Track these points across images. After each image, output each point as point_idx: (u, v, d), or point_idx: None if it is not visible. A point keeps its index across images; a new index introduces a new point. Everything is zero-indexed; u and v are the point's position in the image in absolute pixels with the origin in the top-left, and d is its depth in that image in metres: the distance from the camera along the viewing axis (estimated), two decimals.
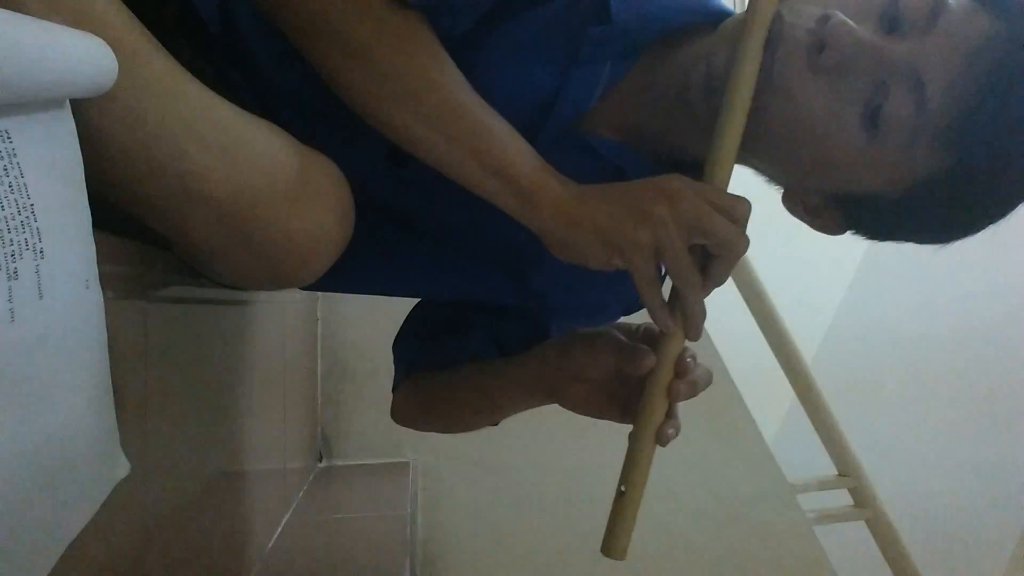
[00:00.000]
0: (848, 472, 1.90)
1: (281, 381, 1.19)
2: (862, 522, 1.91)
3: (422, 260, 0.76)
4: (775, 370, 1.87)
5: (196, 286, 0.66)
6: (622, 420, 0.63)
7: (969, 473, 2.59)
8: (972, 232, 0.60)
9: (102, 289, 0.37)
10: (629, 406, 0.63)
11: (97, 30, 0.35)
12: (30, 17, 0.31)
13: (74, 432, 0.36)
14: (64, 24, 0.34)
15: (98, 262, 0.37)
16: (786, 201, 0.65)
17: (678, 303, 0.56)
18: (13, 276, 0.30)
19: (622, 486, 0.58)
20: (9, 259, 0.29)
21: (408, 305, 0.90)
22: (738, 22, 0.57)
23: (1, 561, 0.31)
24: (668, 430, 0.58)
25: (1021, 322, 2.52)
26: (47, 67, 0.30)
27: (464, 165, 0.57)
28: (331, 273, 0.56)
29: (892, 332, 3.08)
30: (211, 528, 0.77)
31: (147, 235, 0.50)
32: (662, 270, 0.57)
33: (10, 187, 0.30)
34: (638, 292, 0.55)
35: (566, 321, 0.79)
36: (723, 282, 0.57)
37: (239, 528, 0.90)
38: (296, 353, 1.38)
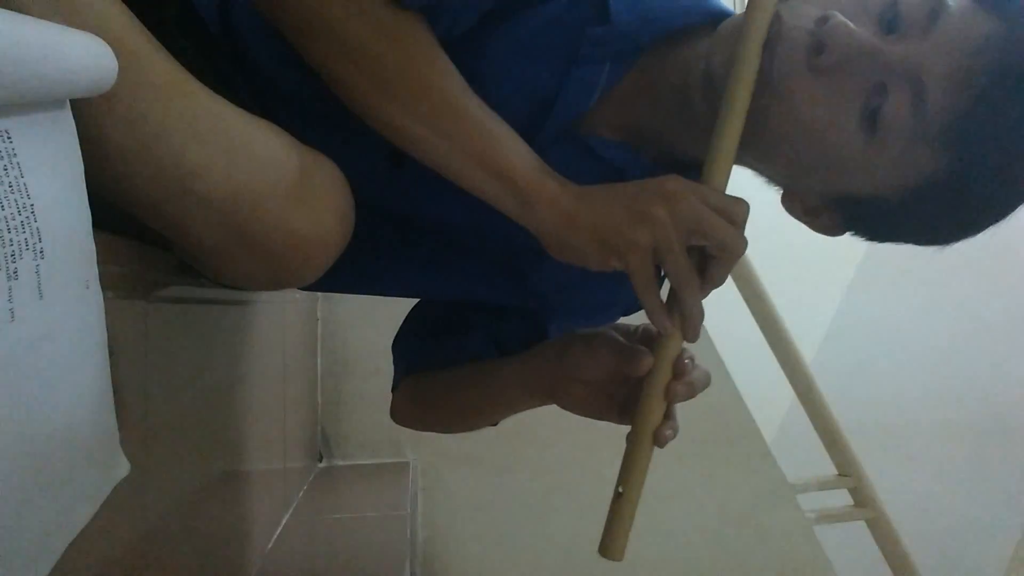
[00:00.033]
0: (848, 472, 1.90)
1: (281, 381, 1.19)
2: (862, 522, 1.91)
3: (422, 260, 0.76)
4: (775, 370, 1.87)
5: (196, 286, 0.66)
6: (620, 421, 0.63)
7: (969, 473, 2.59)
8: (972, 233, 0.60)
9: (102, 289, 0.37)
10: (627, 407, 0.63)
11: (97, 30, 0.35)
12: (30, 17, 0.31)
13: (74, 432, 0.36)
14: (64, 24, 0.34)
15: (98, 262, 0.37)
16: (785, 202, 0.65)
17: (676, 304, 0.56)
18: (13, 276, 0.30)
19: (620, 487, 0.58)
20: (9, 259, 0.29)
21: (408, 305, 0.90)
22: (737, 23, 0.57)
23: (1, 561, 0.31)
24: (666, 431, 0.58)
25: (1021, 323, 2.53)
26: (47, 67, 0.30)
27: (462, 166, 0.57)
28: (331, 273, 0.56)
29: (892, 332, 3.08)
30: (211, 528, 0.77)
31: (147, 235, 0.50)
32: (660, 271, 0.57)
33: (10, 187, 0.30)
34: (636, 293, 0.55)
35: (565, 321, 0.79)
36: (721, 283, 0.57)
37: (239, 528, 0.90)
38: (296, 353, 1.38)
